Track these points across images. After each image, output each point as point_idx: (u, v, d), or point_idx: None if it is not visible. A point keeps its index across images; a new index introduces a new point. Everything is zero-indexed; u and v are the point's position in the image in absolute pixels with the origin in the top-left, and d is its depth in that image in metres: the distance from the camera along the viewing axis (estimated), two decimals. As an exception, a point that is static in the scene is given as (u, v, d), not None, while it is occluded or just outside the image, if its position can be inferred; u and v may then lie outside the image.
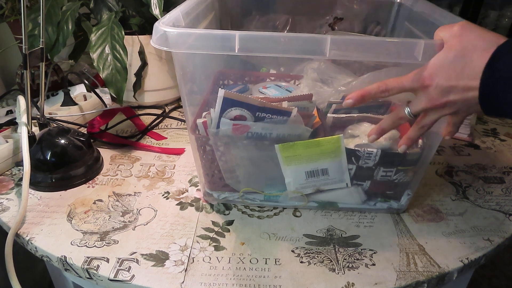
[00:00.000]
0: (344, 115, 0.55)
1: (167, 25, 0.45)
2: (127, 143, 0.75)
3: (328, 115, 0.55)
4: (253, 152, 0.54)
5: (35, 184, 0.62)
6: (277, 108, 0.50)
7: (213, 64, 0.64)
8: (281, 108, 0.50)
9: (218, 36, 0.44)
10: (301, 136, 0.52)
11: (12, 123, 0.74)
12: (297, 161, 0.53)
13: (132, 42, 0.79)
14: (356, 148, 0.53)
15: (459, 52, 0.40)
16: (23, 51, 0.57)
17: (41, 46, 0.62)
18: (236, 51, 0.44)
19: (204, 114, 0.56)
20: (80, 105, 0.80)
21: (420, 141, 0.55)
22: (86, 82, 0.86)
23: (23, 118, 0.62)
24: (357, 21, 0.77)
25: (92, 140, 0.70)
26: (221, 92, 0.49)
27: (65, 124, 0.75)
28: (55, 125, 0.72)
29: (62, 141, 0.63)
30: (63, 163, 0.63)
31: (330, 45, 0.43)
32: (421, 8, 0.61)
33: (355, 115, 0.55)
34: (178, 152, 0.73)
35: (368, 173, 0.55)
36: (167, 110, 0.88)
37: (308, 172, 0.54)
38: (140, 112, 0.86)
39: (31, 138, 0.62)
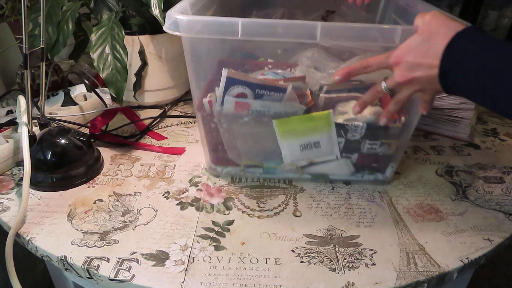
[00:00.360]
0: (334, 95, 0.61)
1: (178, 13, 0.51)
2: (127, 143, 0.75)
3: (321, 95, 0.61)
4: (253, 128, 0.60)
5: (35, 184, 0.62)
6: (274, 85, 0.56)
7: (218, 50, 0.67)
8: (278, 85, 0.56)
9: (223, 23, 0.50)
10: (296, 113, 0.58)
11: (13, 123, 0.74)
12: (292, 135, 0.60)
13: (132, 42, 0.79)
14: (344, 122, 0.59)
15: (426, 35, 0.46)
16: (24, 51, 0.57)
17: (41, 46, 0.62)
18: (239, 36, 0.50)
19: (209, 94, 0.60)
20: (80, 105, 0.80)
21: (402, 118, 0.60)
22: (87, 82, 0.86)
23: (23, 118, 0.62)
24: (348, 15, 0.83)
25: (92, 140, 0.70)
26: (224, 72, 0.54)
27: (66, 124, 0.75)
28: (55, 125, 0.72)
29: (63, 141, 0.63)
30: (63, 163, 0.63)
31: (321, 30, 0.49)
32: (406, 1, 0.68)
33: (344, 94, 0.61)
34: (179, 151, 0.73)
35: (355, 146, 0.61)
36: (167, 110, 0.88)
37: (302, 145, 0.61)
38: (140, 112, 0.86)
39: (32, 138, 0.62)
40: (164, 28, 0.53)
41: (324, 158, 0.62)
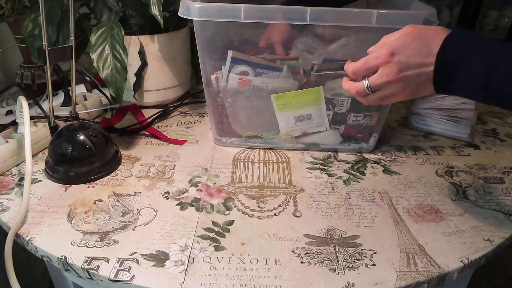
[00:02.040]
0: (324, 73, 0.68)
1: (191, 0, 0.61)
2: (138, 129, 0.79)
3: (312, 73, 0.68)
4: (254, 102, 0.69)
5: (55, 177, 0.64)
6: (271, 65, 0.66)
7: (224, 36, 0.75)
8: (275, 65, 0.66)
9: (228, 8, 0.59)
10: (290, 88, 0.68)
11: (13, 123, 0.74)
12: (288, 108, 0.69)
13: (132, 42, 0.79)
14: (332, 97, 0.69)
15: (416, 35, 0.47)
16: (44, 48, 0.60)
17: (70, 44, 0.64)
18: (242, 19, 0.60)
19: (216, 72, 0.69)
20: (80, 105, 0.80)
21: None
22: (88, 79, 0.86)
23: (25, 119, 0.62)
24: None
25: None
26: (230, 52, 0.64)
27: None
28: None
29: (82, 137, 0.64)
30: (83, 157, 0.64)
31: (310, 14, 0.58)
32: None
33: (332, 72, 0.68)
34: (180, 142, 0.76)
35: (342, 118, 0.72)
36: (169, 109, 0.88)
37: (296, 117, 0.70)
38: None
39: (53, 128, 0.66)
40: (179, 13, 0.62)
41: (315, 129, 0.72)
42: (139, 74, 0.82)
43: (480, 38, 0.44)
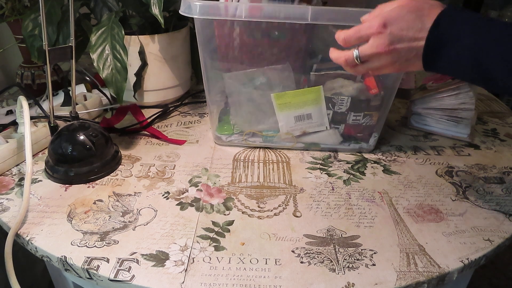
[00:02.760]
0: (323, 73, 0.69)
1: None
2: (138, 129, 0.79)
3: (311, 73, 0.68)
4: (256, 97, 0.70)
5: (55, 177, 0.64)
6: None
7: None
8: None
9: (230, 6, 0.59)
10: (289, 87, 0.68)
11: (13, 123, 0.74)
12: (288, 107, 0.69)
13: (132, 42, 0.79)
14: (332, 96, 0.68)
15: (411, 8, 0.46)
16: (44, 48, 0.60)
17: (70, 44, 0.63)
18: (243, 18, 0.60)
19: None
20: (80, 105, 0.80)
21: (382, 92, 0.68)
22: (88, 79, 0.86)
23: (25, 119, 0.62)
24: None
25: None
26: None
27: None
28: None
29: (85, 135, 0.64)
30: (83, 157, 0.64)
31: (311, 13, 0.58)
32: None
33: (332, 72, 0.68)
34: (180, 142, 0.76)
35: (342, 117, 0.71)
36: (169, 109, 0.88)
37: (296, 116, 0.70)
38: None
39: (53, 128, 0.65)
40: (180, 11, 0.61)
41: (315, 128, 0.72)
42: (139, 74, 0.82)
43: (474, 17, 0.44)
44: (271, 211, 0.59)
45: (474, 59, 0.43)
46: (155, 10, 0.70)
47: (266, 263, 0.50)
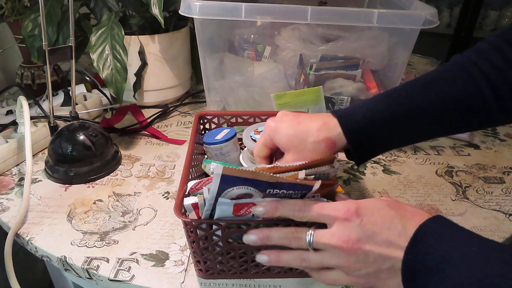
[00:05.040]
0: (323, 73, 0.69)
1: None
2: (138, 129, 0.79)
3: (311, 73, 0.69)
4: (249, 101, 0.68)
5: (55, 177, 0.64)
6: (295, 183, 0.38)
7: (223, 34, 0.76)
8: (301, 183, 0.39)
9: (229, 6, 0.59)
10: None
11: (13, 123, 0.74)
12: (288, 107, 0.68)
13: (132, 42, 0.79)
14: (332, 96, 0.69)
15: (391, 204, 0.37)
16: (44, 48, 0.60)
17: (70, 44, 0.63)
18: (243, 18, 0.59)
19: (192, 184, 0.44)
20: (80, 105, 0.80)
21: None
22: (88, 79, 0.86)
23: (25, 119, 0.62)
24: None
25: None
26: (218, 169, 0.36)
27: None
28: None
29: (85, 135, 0.64)
30: (83, 157, 0.64)
31: (311, 13, 0.58)
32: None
33: (332, 72, 0.68)
34: (180, 142, 0.76)
35: None
36: (169, 109, 0.88)
37: None
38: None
39: (53, 128, 0.65)
40: (180, 11, 0.61)
41: None
42: (139, 74, 0.82)
43: (467, 236, 0.33)
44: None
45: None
46: (155, 10, 0.70)
47: (266, 263, 0.50)
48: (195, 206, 0.42)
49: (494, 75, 0.40)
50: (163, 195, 0.62)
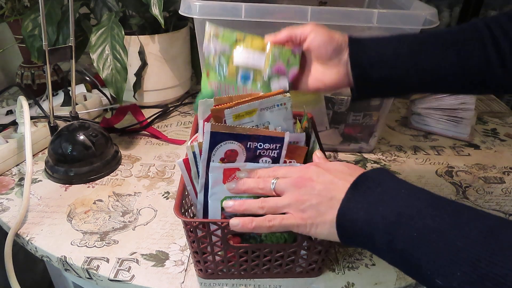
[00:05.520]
0: None
1: None
2: (138, 129, 0.79)
3: None
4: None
5: (55, 177, 0.64)
6: (269, 135, 0.44)
7: None
8: (273, 134, 0.44)
9: (229, 6, 0.59)
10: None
11: (13, 123, 0.74)
12: None
13: (132, 42, 0.79)
14: (332, 96, 0.69)
15: (349, 165, 0.41)
16: (44, 48, 0.60)
17: (70, 44, 0.63)
18: (243, 17, 0.59)
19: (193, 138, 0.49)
20: (80, 105, 0.80)
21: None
22: (88, 79, 0.86)
23: (25, 119, 0.62)
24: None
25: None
26: (207, 127, 0.41)
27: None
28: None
29: (82, 137, 0.64)
30: (83, 157, 0.64)
31: (311, 13, 0.58)
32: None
33: None
34: (180, 142, 0.76)
35: (342, 117, 0.72)
36: (169, 109, 0.88)
37: None
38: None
39: (53, 128, 0.65)
40: (180, 11, 0.61)
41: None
42: (139, 74, 0.82)
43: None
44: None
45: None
46: (155, 10, 0.70)
47: (266, 263, 0.50)
48: (186, 162, 0.45)
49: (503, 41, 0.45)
50: (163, 195, 0.62)
